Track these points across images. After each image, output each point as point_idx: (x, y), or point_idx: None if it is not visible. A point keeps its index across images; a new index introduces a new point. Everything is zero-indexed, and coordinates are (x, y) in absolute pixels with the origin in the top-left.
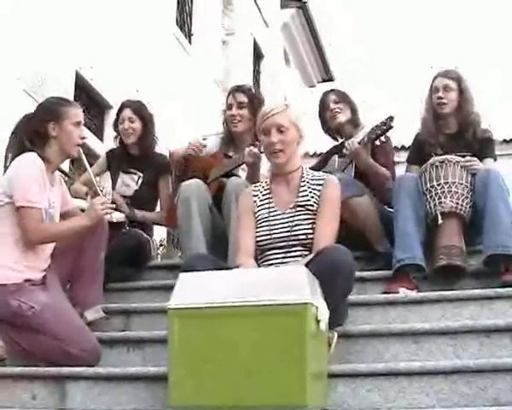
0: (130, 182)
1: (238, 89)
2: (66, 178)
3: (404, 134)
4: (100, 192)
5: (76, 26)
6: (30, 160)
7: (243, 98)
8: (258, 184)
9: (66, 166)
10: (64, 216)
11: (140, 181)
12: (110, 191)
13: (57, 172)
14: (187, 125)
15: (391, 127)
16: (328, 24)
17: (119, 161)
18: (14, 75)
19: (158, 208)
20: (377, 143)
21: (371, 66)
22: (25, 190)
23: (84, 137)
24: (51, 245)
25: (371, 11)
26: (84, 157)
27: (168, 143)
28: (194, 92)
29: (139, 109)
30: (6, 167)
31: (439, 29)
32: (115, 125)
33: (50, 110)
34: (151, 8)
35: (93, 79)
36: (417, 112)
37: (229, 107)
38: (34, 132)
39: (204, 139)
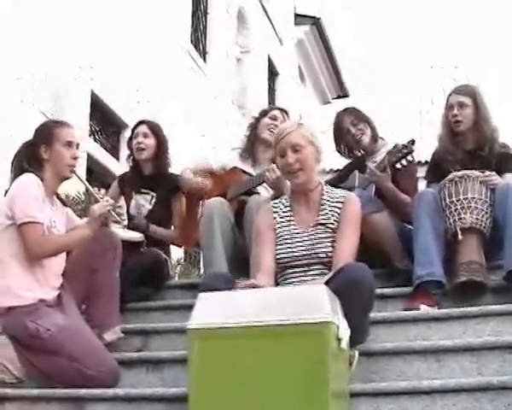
0: (144, 202)
1: (278, 108)
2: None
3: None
4: (100, 200)
5: (87, 42)
6: (27, 179)
7: (287, 119)
8: (277, 201)
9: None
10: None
11: (153, 201)
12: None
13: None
14: (203, 142)
15: (412, 151)
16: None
17: (131, 182)
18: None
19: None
20: (398, 166)
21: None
22: (25, 207)
23: (76, 157)
24: (60, 262)
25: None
26: (79, 174)
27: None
28: (209, 111)
29: (155, 127)
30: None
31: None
32: (129, 143)
33: (42, 133)
34: (165, 26)
35: (107, 97)
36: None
37: (274, 118)
38: (31, 156)
39: (233, 149)
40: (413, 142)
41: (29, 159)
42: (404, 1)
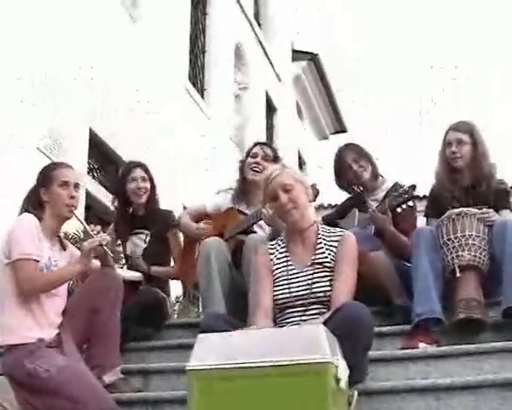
0: (139, 242)
1: (265, 144)
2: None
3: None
4: (94, 236)
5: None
6: (22, 218)
7: (270, 152)
8: (274, 242)
9: None
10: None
11: (148, 239)
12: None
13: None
14: (204, 182)
15: (413, 196)
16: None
17: (125, 224)
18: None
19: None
20: (398, 210)
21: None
22: (18, 244)
23: (73, 196)
24: (61, 301)
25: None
26: (78, 216)
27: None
28: (208, 148)
29: (148, 170)
30: None
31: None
32: (122, 186)
33: (41, 176)
34: (163, 63)
35: (107, 137)
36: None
37: (254, 155)
38: (34, 199)
39: (217, 194)
40: (414, 187)
41: (32, 202)
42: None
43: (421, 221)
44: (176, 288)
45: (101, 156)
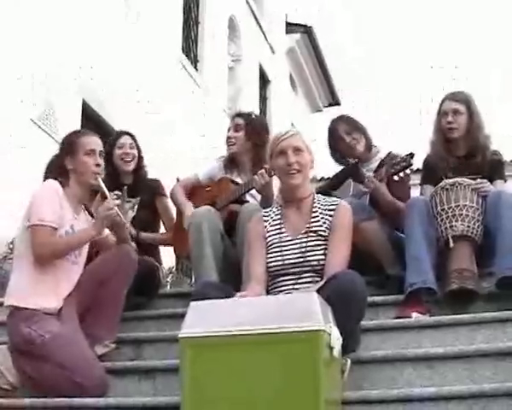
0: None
1: (237, 114)
2: None
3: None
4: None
5: (87, 42)
6: (46, 184)
7: (240, 121)
8: (268, 210)
9: None
10: (95, 244)
11: (136, 207)
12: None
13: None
14: (194, 152)
15: (410, 165)
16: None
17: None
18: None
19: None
20: (395, 178)
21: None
22: (36, 210)
23: (99, 164)
24: (79, 271)
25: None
26: (101, 183)
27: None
28: (202, 120)
29: (135, 138)
30: None
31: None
32: (107, 155)
33: (65, 144)
34: (157, 35)
35: (100, 108)
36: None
37: (228, 130)
38: (58, 167)
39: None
40: (412, 155)
41: (56, 169)
42: (404, 1)
43: (414, 193)
44: (168, 259)
45: (95, 128)
